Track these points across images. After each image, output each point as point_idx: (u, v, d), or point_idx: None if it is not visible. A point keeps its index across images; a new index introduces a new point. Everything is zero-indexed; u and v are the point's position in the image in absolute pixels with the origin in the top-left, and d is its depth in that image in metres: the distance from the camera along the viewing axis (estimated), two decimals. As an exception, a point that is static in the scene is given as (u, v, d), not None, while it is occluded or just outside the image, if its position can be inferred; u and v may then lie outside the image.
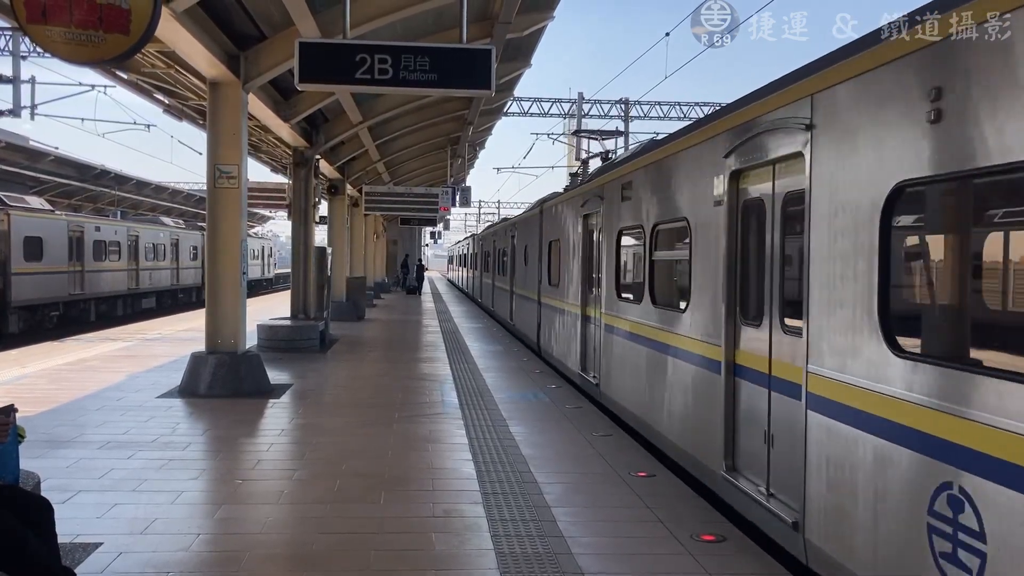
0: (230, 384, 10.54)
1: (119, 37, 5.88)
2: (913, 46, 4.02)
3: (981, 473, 3.49)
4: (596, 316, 10.78)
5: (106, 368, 12.91)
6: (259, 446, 8.14)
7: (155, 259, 33.87)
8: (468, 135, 21.63)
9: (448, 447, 8.00)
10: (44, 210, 25.82)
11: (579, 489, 6.60)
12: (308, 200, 17.56)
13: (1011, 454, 3.32)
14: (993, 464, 3.42)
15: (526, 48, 15.18)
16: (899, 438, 4.05)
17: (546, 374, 13.05)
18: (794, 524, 5.09)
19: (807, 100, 5.07)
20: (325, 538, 5.36)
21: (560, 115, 34.35)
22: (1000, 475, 3.38)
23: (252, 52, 10.96)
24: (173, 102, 14.33)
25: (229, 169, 10.82)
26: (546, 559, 5.01)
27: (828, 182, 4.81)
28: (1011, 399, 3.35)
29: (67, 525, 5.03)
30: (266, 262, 53.63)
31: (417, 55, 8.60)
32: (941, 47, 3.83)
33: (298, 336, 15.61)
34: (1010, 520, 3.32)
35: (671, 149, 7.91)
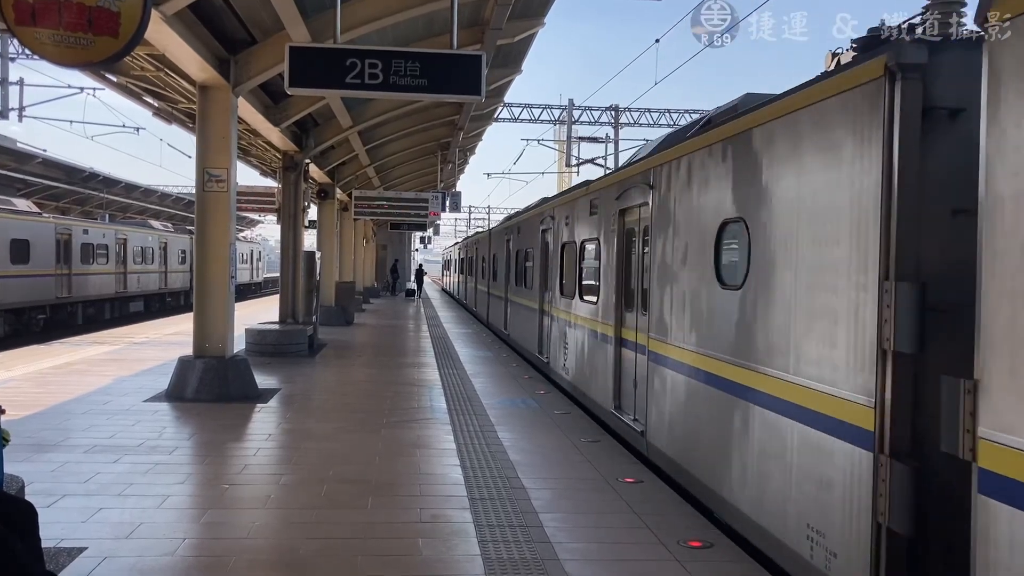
0: (217, 388, 10.50)
1: (108, 40, 5.86)
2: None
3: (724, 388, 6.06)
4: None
5: (93, 372, 12.84)
6: (246, 451, 8.11)
7: (143, 262, 33.72)
8: (458, 140, 21.63)
9: (436, 452, 7.99)
10: (31, 212, 25.66)
11: (566, 495, 6.61)
12: (297, 204, 17.53)
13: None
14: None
15: (517, 54, 15.22)
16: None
17: (536, 379, 13.06)
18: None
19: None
20: (312, 543, 5.34)
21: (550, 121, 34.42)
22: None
23: (242, 56, 10.95)
24: (163, 105, 14.28)
25: (218, 173, 10.80)
26: (533, 565, 5.01)
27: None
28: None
29: (51, 529, 5.01)
30: (255, 266, 53.45)
31: (407, 60, 8.60)
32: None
33: (286, 341, 15.57)
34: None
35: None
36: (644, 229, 8.39)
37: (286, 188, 17.42)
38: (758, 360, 5.43)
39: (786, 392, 5.01)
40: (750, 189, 5.70)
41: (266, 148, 17.92)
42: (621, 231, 9.30)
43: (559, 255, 12.87)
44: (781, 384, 5.08)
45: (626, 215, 9.16)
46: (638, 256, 8.70)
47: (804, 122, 4.95)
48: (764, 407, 5.33)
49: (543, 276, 14.33)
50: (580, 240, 11.40)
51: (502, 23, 11.22)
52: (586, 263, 11.21)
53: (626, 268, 9.19)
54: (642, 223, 8.49)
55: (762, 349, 5.38)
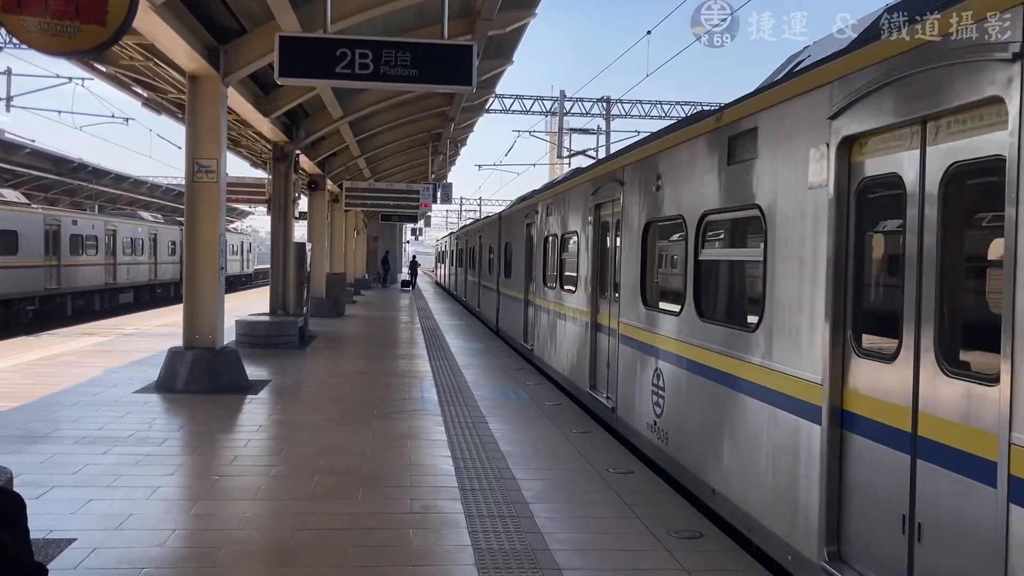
0: (207, 380, 10.47)
1: (95, 28, 5.80)
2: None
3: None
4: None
5: (82, 363, 12.78)
6: (236, 442, 8.09)
7: (133, 254, 33.56)
8: (450, 132, 21.55)
9: (427, 443, 7.99)
10: (20, 203, 25.49)
11: (557, 485, 6.62)
12: (288, 196, 17.46)
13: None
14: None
15: (508, 45, 15.15)
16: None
17: (527, 371, 13.06)
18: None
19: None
20: (302, 534, 5.33)
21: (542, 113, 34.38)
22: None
23: (232, 46, 10.88)
24: (152, 96, 14.19)
25: (208, 164, 10.75)
26: (524, 555, 5.01)
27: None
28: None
29: (40, 521, 4.98)
30: (245, 257, 53.29)
31: (398, 50, 8.57)
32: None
33: (277, 332, 15.52)
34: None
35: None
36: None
37: (276, 179, 17.35)
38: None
39: None
40: None
41: (256, 139, 17.83)
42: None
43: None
44: None
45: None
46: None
47: None
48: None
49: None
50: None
51: (493, 13, 11.17)
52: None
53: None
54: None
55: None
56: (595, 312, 9.98)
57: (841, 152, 4.43)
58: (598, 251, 9.90)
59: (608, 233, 9.60)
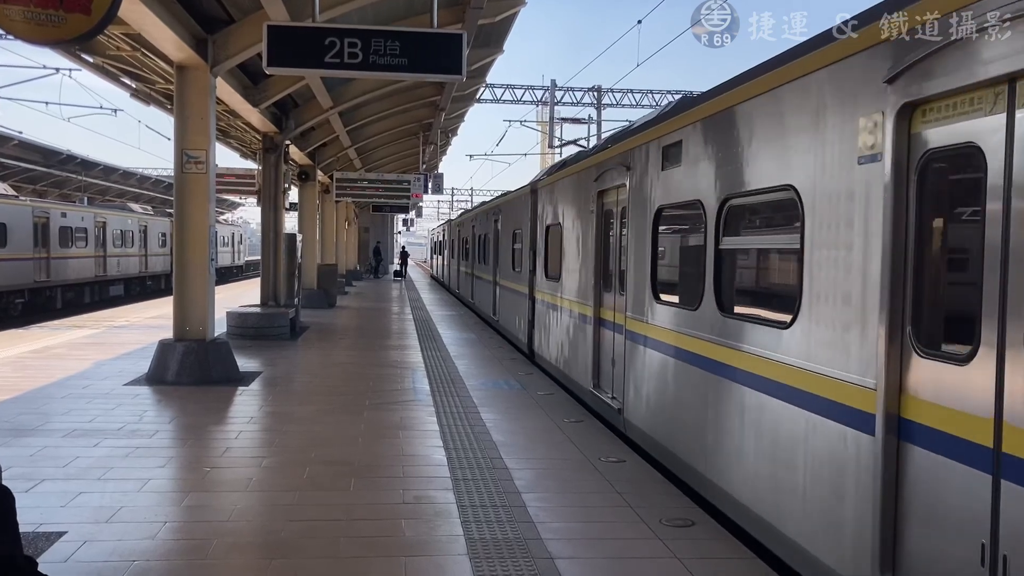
0: (198, 372, 10.43)
1: (80, 17, 5.74)
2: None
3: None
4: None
5: (72, 356, 12.72)
6: (228, 434, 8.07)
7: (123, 246, 33.40)
8: (440, 121, 21.48)
9: (419, 434, 7.98)
10: (8, 196, 25.36)
11: (549, 475, 6.62)
12: (278, 187, 17.39)
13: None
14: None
15: (498, 34, 15.09)
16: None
17: (518, 361, 13.06)
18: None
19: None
20: (294, 525, 5.32)
21: (533, 102, 34.33)
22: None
23: (220, 35, 10.80)
24: (140, 86, 14.09)
25: (197, 155, 10.68)
26: (516, 544, 5.01)
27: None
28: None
29: (30, 514, 4.97)
30: (236, 249, 53.11)
31: (387, 39, 8.53)
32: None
33: (268, 323, 15.49)
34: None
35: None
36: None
37: (266, 170, 17.28)
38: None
39: None
40: None
41: (246, 130, 17.75)
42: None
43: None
44: None
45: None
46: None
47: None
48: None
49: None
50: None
51: (483, 2, 11.12)
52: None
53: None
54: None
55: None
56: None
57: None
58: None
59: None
